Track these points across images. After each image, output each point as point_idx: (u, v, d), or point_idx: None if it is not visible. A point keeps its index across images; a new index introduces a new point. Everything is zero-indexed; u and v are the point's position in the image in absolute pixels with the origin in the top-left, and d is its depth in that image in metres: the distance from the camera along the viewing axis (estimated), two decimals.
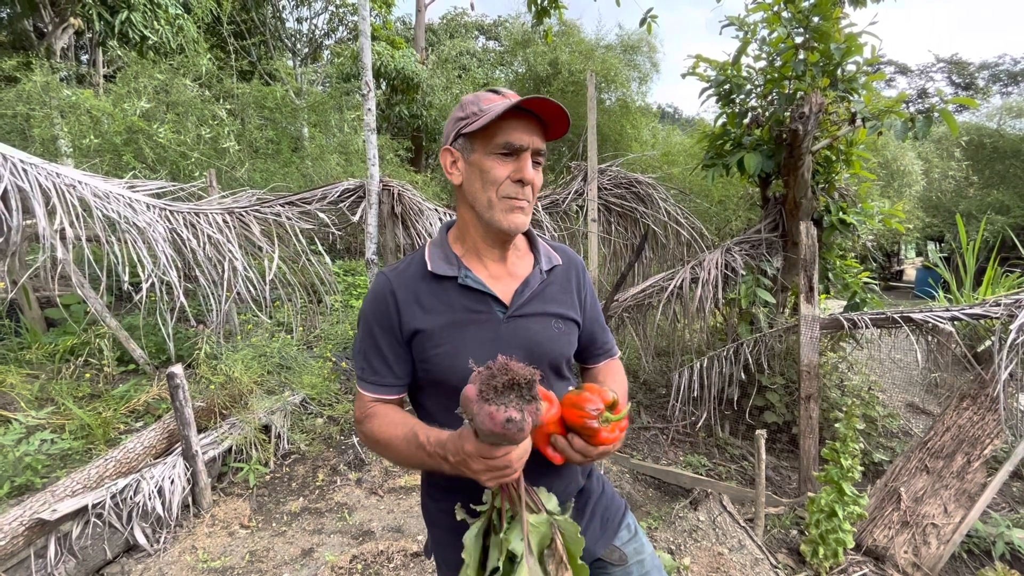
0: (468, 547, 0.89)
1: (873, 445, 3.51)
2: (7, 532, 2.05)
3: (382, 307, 1.02)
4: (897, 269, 14.50)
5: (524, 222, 0.99)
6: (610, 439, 0.87)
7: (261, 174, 6.12)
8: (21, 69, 6.33)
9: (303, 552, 2.52)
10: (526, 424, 0.71)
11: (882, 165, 9.01)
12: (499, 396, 0.71)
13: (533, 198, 1.01)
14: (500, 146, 0.96)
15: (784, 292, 3.85)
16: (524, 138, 0.96)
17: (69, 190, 3.60)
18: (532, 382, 0.72)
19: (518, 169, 0.96)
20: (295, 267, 4.12)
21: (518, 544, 0.83)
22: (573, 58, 8.48)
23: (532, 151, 0.97)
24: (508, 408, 0.70)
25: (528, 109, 0.96)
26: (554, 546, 0.87)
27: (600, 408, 0.86)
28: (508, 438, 0.71)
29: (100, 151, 4.97)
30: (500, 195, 0.97)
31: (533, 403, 0.72)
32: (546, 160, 7.40)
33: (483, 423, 0.71)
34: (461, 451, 0.81)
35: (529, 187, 0.99)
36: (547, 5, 4.88)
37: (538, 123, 0.98)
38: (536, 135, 0.97)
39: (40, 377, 3.63)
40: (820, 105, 3.21)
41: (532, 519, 0.87)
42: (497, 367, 0.73)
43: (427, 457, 0.90)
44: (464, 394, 0.75)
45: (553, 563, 0.86)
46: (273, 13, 12.13)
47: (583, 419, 0.86)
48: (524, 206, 0.98)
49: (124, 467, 2.63)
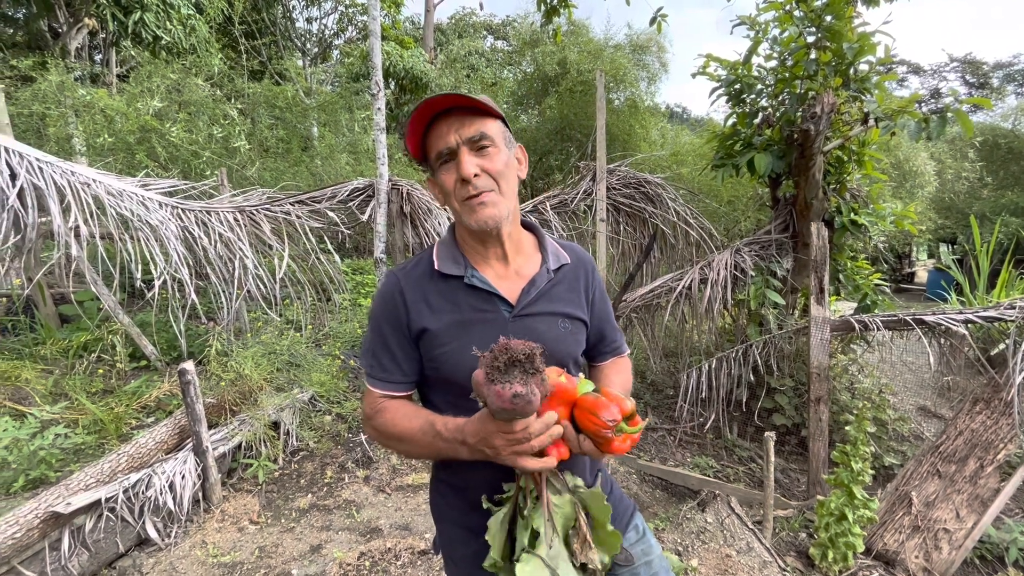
0: (492, 532, 0.89)
1: (884, 448, 3.48)
2: (23, 524, 2.09)
3: (391, 306, 1.03)
4: (908, 271, 14.34)
5: (492, 213, 0.97)
6: (621, 449, 0.86)
7: (271, 173, 6.17)
8: (37, 69, 6.42)
9: (312, 548, 2.54)
10: (533, 396, 0.74)
11: (894, 165, 8.92)
12: (503, 375, 0.75)
13: (496, 183, 0.97)
14: (436, 158, 0.97)
15: (794, 293, 3.82)
16: (449, 139, 0.94)
17: (83, 188, 3.65)
18: (532, 355, 0.76)
19: (456, 169, 0.95)
20: (304, 265, 4.14)
21: (542, 524, 0.85)
22: (582, 58, 8.46)
23: (466, 142, 0.94)
24: (513, 384, 0.74)
25: (447, 107, 0.94)
26: (578, 525, 0.88)
27: (617, 419, 0.84)
28: (519, 411, 0.75)
29: (114, 150, 5.04)
30: (459, 199, 0.98)
31: (536, 375, 0.76)
32: (553, 159, 7.31)
33: (493, 402, 0.75)
34: (481, 431, 0.84)
35: (482, 177, 0.95)
36: (556, 5, 4.88)
37: (465, 112, 0.95)
38: (464, 125, 0.94)
39: (54, 372, 3.68)
40: (832, 105, 3.19)
41: (556, 499, 0.89)
42: (498, 348, 0.76)
43: (444, 444, 0.92)
44: (474, 378, 0.79)
45: (577, 541, 0.88)
46: (283, 13, 12.21)
47: (598, 427, 0.85)
48: (485, 199, 0.96)
49: (136, 462, 2.66)
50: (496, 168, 0.96)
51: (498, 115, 0.99)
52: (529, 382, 0.75)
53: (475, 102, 0.94)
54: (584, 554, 0.88)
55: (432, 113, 0.95)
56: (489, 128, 0.96)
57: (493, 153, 0.96)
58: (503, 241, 1.03)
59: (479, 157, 0.95)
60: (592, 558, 0.88)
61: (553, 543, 0.84)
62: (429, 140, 0.97)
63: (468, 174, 0.93)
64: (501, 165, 0.97)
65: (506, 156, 0.99)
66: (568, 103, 8.25)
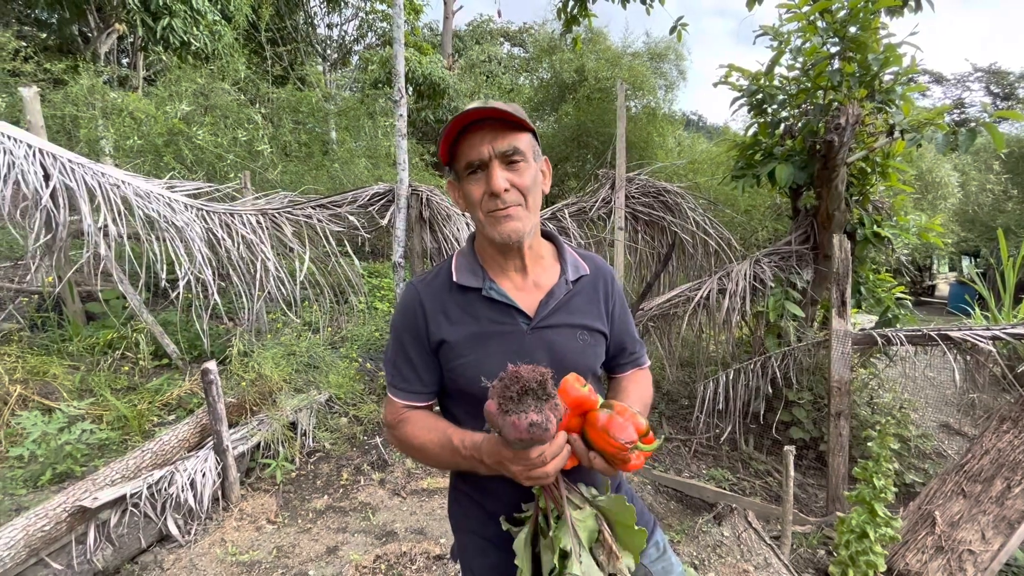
0: (520, 554, 0.90)
1: (905, 466, 3.41)
2: (51, 518, 2.14)
3: (410, 317, 1.04)
4: (929, 284, 14.07)
5: (516, 227, 0.97)
6: (636, 466, 0.85)
7: (291, 176, 6.28)
8: (69, 72, 6.61)
9: (328, 550, 2.56)
10: (550, 424, 0.74)
11: (916, 177, 8.78)
12: (517, 405, 0.75)
13: (524, 197, 0.97)
14: (466, 168, 0.97)
15: (813, 305, 3.78)
16: (482, 150, 0.94)
17: (113, 189, 3.75)
18: (543, 381, 0.75)
19: (486, 182, 0.95)
20: (324, 268, 4.20)
21: (568, 541, 0.85)
22: (600, 65, 8.49)
23: (499, 156, 0.94)
24: (528, 413, 0.74)
25: (481, 117, 0.94)
26: (602, 537, 0.89)
27: (633, 440, 0.83)
28: (536, 440, 0.75)
29: (143, 152, 5.17)
30: (485, 212, 0.98)
31: (550, 400, 0.76)
32: (570, 165, 7.34)
33: (510, 433, 0.75)
34: (498, 455, 0.85)
35: (511, 192, 0.95)
36: (577, 14, 4.91)
37: (499, 124, 0.94)
38: (497, 138, 0.94)
39: (80, 368, 3.77)
40: (857, 116, 3.16)
41: (577, 515, 0.89)
42: (508, 377, 0.76)
43: (462, 460, 0.93)
44: (486, 410, 0.79)
45: (604, 553, 0.88)
46: (305, 19, 12.43)
47: (616, 449, 0.83)
48: (511, 212, 0.96)
49: (159, 459, 2.71)
50: (525, 184, 0.97)
51: (530, 128, 0.99)
52: (543, 409, 0.74)
53: (512, 116, 0.94)
54: (612, 564, 0.88)
55: (467, 121, 0.94)
56: (521, 142, 0.96)
57: (523, 168, 0.97)
58: (523, 253, 1.03)
59: (509, 171, 0.96)
60: (620, 568, 0.88)
61: (582, 558, 0.85)
62: (460, 148, 0.97)
63: (499, 188, 0.94)
64: (530, 180, 0.97)
65: (535, 171, 0.99)
66: (585, 110, 8.28)
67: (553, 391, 0.76)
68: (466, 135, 0.95)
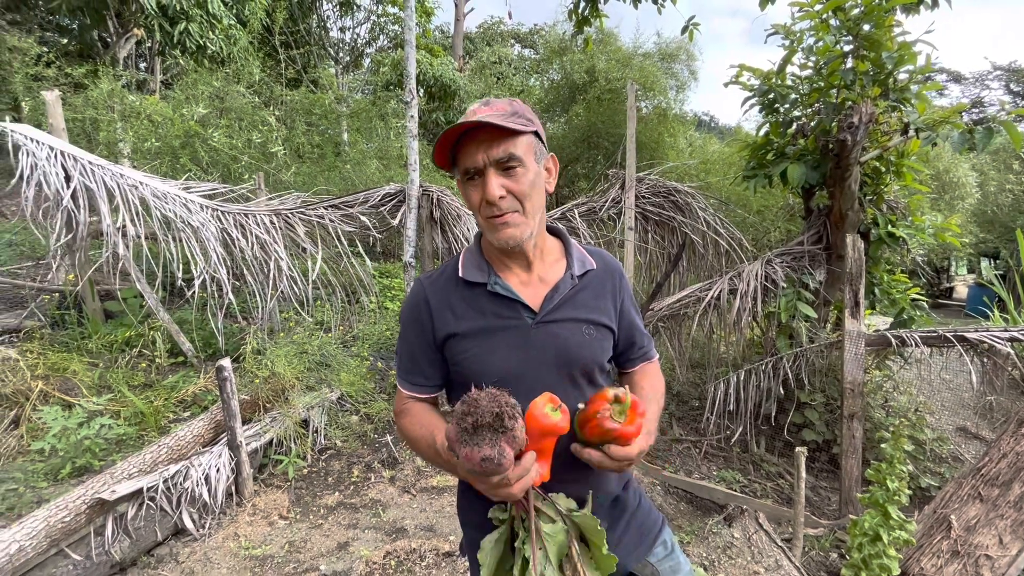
0: (485, 551, 0.91)
1: (921, 469, 3.36)
2: (71, 509, 2.19)
3: (416, 313, 1.07)
4: (947, 286, 13.80)
5: (513, 234, 0.97)
6: (632, 433, 0.87)
7: (303, 177, 6.36)
8: (89, 76, 6.77)
9: (339, 545, 2.59)
10: (503, 459, 0.74)
11: (933, 177, 8.64)
12: (472, 437, 0.75)
13: (521, 203, 0.97)
14: (463, 173, 0.98)
15: (826, 306, 3.74)
16: (477, 158, 0.94)
17: (131, 190, 3.83)
18: (500, 415, 0.75)
19: (482, 189, 0.95)
20: (336, 268, 4.25)
21: (532, 553, 0.86)
22: (610, 66, 8.47)
23: (493, 163, 0.94)
24: (482, 447, 0.74)
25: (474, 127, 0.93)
26: (571, 553, 0.88)
27: (607, 407, 0.86)
28: (490, 472, 0.76)
29: (160, 153, 5.27)
30: (483, 217, 0.99)
31: (507, 433, 0.75)
32: (580, 166, 7.32)
33: (464, 464, 0.76)
34: (462, 473, 0.87)
35: (507, 199, 0.95)
36: (588, 15, 4.92)
37: (494, 130, 0.93)
38: (492, 146, 0.93)
39: (99, 365, 3.85)
40: (870, 115, 3.12)
41: (547, 528, 0.89)
42: (466, 408, 0.76)
43: (443, 463, 0.96)
44: (446, 434, 0.80)
45: (570, 569, 0.88)
46: (318, 23, 12.58)
47: (600, 424, 0.86)
48: (507, 220, 0.96)
49: (175, 454, 2.76)
50: (521, 189, 0.96)
51: (531, 130, 0.98)
52: (498, 442, 0.74)
53: (503, 127, 0.92)
54: None
55: (459, 133, 0.95)
56: (518, 147, 0.95)
57: (520, 173, 0.96)
58: (527, 253, 1.04)
59: (505, 177, 0.95)
60: None
61: (546, 572, 0.85)
62: (459, 154, 0.97)
63: (493, 196, 0.94)
64: (526, 186, 0.96)
65: (533, 174, 0.98)
66: (596, 111, 8.27)
67: (511, 423, 0.75)
68: (464, 141, 0.96)
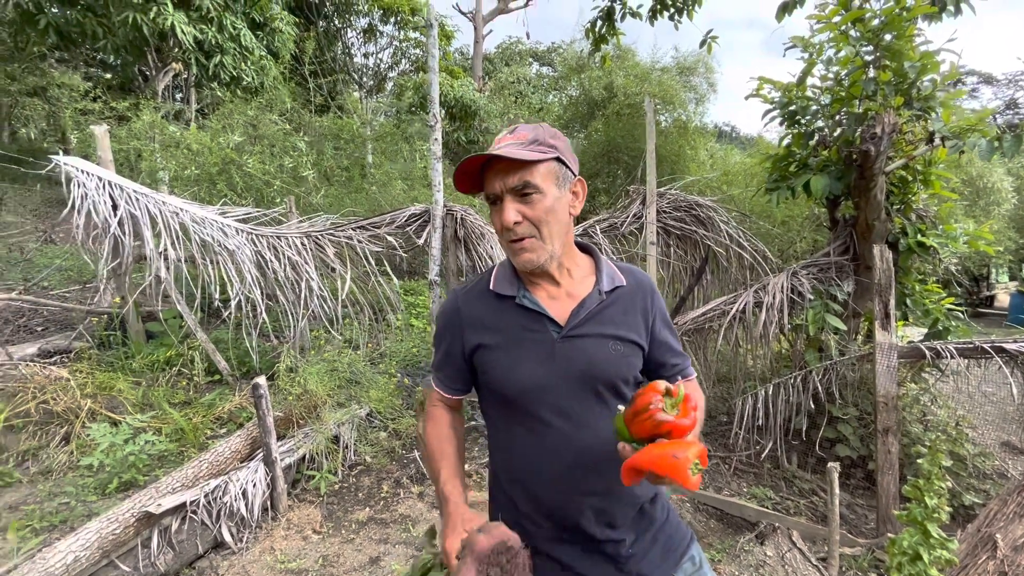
0: None
1: (963, 486, 3.24)
2: (121, 522, 2.31)
3: (449, 321, 1.16)
4: (987, 294, 13.25)
5: (530, 258, 1.02)
6: (686, 427, 0.86)
7: (332, 199, 6.58)
8: (132, 109, 7.19)
9: (370, 560, 2.64)
10: None
11: (967, 182, 8.40)
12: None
13: (538, 229, 1.01)
14: (487, 198, 1.05)
15: (856, 318, 3.67)
16: (495, 185, 1.00)
17: (172, 216, 4.04)
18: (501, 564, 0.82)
19: (500, 215, 1.01)
20: (364, 287, 4.37)
21: None
22: (628, 81, 8.56)
23: (510, 191, 0.99)
24: None
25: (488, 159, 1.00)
26: None
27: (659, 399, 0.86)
28: None
29: (198, 180, 5.55)
30: (504, 240, 1.05)
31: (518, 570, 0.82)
32: (600, 181, 7.34)
33: None
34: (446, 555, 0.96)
35: (523, 224, 1.00)
36: (605, 33, 5.01)
37: (513, 159, 0.97)
38: (509, 175, 0.98)
39: (142, 384, 4.03)
40: (894, 125, 3.10)
41: None
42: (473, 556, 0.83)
43: (437, 494, 1.07)
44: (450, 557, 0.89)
45: None
46: (343, 50, 13.07)
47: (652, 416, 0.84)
48: (525, 245, 1.01)
49: (215, 469, 2.87)
50: (537, 215, 1.00)
51: (551, 157, 1.01)
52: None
53: (516, 159, 0.97)
54: None
55: (475, 164, 1.01)
56: (535, 176, 0.99)
57: (536, 200, 1.00)
58: (551, 273, 1.09)
59: (522, 204, 1.00)
60: None
61: None
62: (484, 180, 1.04)
63: (509, 222, 1.00)
64: (542, 212, 1.00)
65: (552, 200, 1.01)
66: (615, 126, 8.34)
67: (517, 562, 0.84)
68: (488, 168, 1.02)
